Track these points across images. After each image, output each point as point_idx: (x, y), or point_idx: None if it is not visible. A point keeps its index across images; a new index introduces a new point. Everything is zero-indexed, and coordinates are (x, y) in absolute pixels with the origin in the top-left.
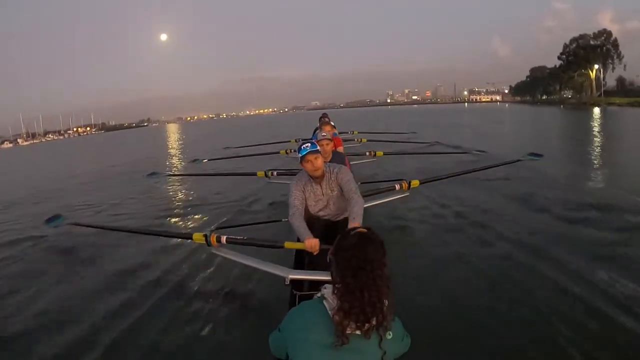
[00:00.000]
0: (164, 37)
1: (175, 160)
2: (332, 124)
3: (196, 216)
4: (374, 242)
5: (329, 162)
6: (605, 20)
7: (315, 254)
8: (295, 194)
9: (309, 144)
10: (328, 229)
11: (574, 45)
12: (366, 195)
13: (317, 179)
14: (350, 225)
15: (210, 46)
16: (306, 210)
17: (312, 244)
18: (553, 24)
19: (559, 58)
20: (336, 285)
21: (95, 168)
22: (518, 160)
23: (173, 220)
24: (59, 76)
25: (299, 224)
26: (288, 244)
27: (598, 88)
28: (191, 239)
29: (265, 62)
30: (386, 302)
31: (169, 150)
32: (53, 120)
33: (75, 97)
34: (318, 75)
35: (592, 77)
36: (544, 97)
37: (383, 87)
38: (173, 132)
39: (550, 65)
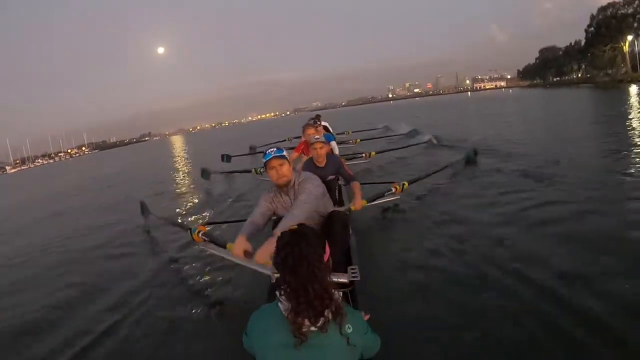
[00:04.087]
0: (160, 50)
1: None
2: (325, 124)
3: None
4: (306, 237)
5: (324, 165)
6: None
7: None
8: (262, 205)
9: (275, 149)
10: None
11: (601, 16)
12: (352, 197)
13: (283, 188)
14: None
15: (209, 55)
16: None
17: (234, 247)
18: (549, 5)
19: (586, 31)
20: (281, 287)
21: None
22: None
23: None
24: (50, 97)
25: (248, 229)
26: (230, 245)
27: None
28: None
29: (264, 67)
30: (338, 293)
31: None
32: (42, 143)
33: (69, 118)
34: (318, 76)
35: (625, 50)
36: (556, 78)
37: (383, 82)
38: (177, 146)
39: (559, 45)
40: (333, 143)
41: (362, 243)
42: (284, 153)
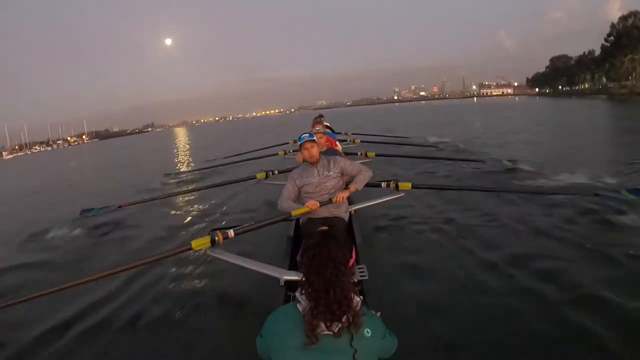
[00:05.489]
0: (168, 41)
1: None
2: (327, 124)
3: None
4: (335, 240)
5: (325, 151)
6: (614, 10)
7: (317, 210)
8: (288, 187)
9: (307, 134)
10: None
11: (622, 25)
12: (358, 197)
13: (313, 164)
14: (350, 187)
15: (216, 49)
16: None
17: (312, 204)
18: (559, 15)
19: (606, 40)
20: (304, 286)
21: None
22: (596, 195)
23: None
24: (51, 84)
25: (289, 203)
26: (295, 212)
27: None
28: (191, 249)
29: (271, 63)
30: (358, 299)
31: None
32: (41, 130)
33: (71, 105)
34: (324, 75)
35: None
36: (566, 88)
37: (389, 84)
38: (180, 138)
39: (569, 54)
40: (338, 143)
41: (368, 243)
42: (314, 138)
